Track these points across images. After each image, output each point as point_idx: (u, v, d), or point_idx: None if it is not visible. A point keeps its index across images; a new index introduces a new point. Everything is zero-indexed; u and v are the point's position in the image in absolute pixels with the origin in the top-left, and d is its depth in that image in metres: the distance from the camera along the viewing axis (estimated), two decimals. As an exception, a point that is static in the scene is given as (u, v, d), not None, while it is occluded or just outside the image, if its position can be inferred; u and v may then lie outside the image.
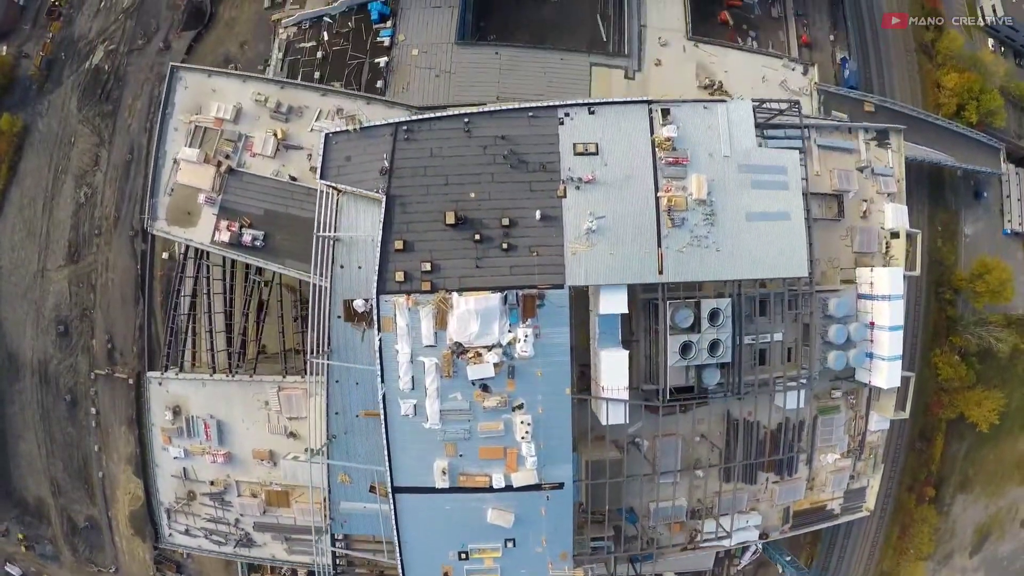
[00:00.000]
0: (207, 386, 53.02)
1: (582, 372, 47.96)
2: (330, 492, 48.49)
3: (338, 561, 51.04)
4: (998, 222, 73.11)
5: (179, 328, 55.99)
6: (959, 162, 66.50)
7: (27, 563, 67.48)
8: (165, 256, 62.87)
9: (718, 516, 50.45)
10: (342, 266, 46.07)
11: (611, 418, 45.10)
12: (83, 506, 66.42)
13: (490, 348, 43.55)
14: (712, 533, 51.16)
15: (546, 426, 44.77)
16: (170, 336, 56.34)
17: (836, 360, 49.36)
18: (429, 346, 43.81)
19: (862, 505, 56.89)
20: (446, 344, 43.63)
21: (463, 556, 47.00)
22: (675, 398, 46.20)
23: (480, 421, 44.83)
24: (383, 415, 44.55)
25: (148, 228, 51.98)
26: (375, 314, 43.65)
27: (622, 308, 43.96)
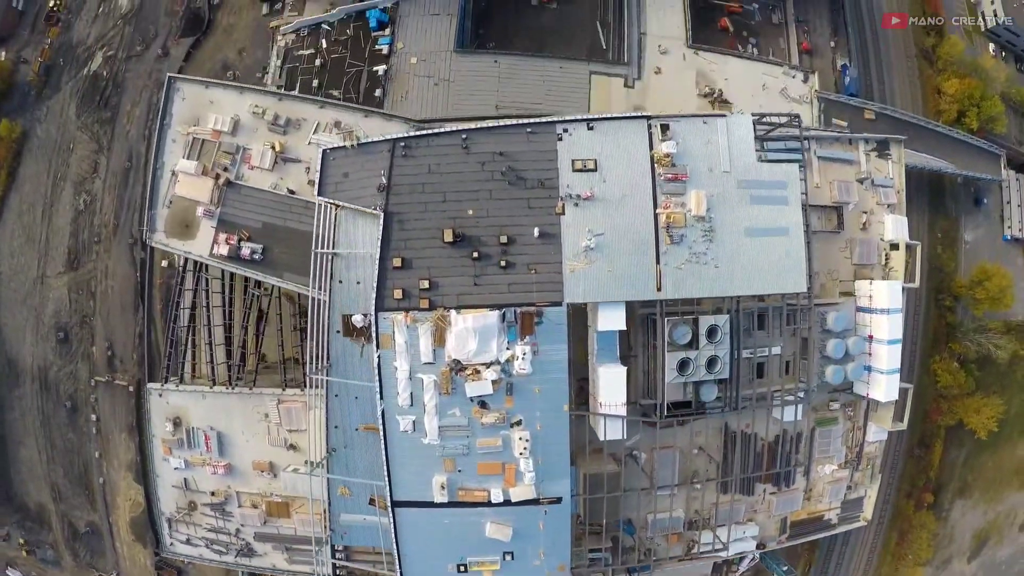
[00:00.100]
0: (207, 398, 53.05)
1: (580, 386, 48.08)
2: (330, 504, 48.72)
3: (338, 572, 51.15)
4: (998, 228, 72.81)
5: (179, 339, 55.92)
6: (959, 169, 66.21)
7: (28, 567, 67.67)
8: (164, 264, 62.75)
9: (715, 528, 50.70)
10: (341, 281, 45.96)
11: (609, 433, 45.35)
12: (84, 512, 66.53)
13: (488, 365, 43.62)
14: (709, 544, 51.50)
15: (544, 442, 44.97)
16: (170, 348, 56.27)
17: (834, 374, 49.39)
18: (427, 363, 43.96)
19: (859, 515, 57.14)
20: (444, 361, 43.73)
21: (462, 569, 47.32)
22: (672, 414, 46.32)
23: (478, 437, 45.01)
24: (382, 431, 44.79)
25: (147, 240, 51.85)
26: (374, 331, 43.74)
27: (620, 325, 44.04)
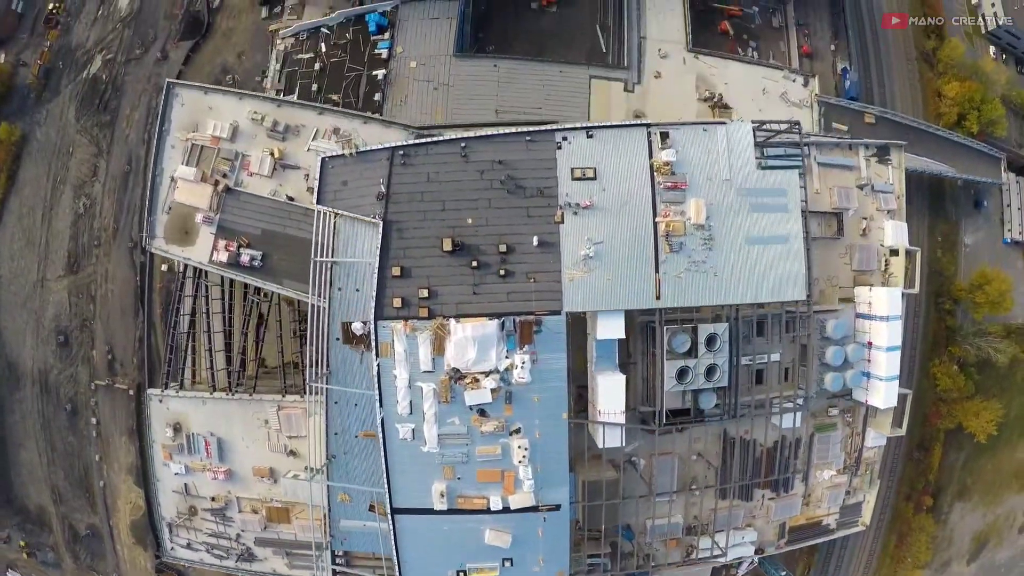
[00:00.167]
0: (207, 404, 53.07)
1: (579, 393, 48.17)
2: (330, 510, 48.74)
3: (339, 577, 51.42)
4: (998, 231, 72.66)
5: (179, 345, 55.93)
6: (960, 173, 66.06)
7: (29, 570, 67.80)
8: (164, 268, 62.48)
9: (713, 533, 50.80)
10: (340, 288, 45.94)
11: (608, 441, 45.48)
12: (84, 514, 66.65)
13: (487, 374, 43.70)
14: (708, 549, 51.66)
15: (543, 450, 45.10)
16: (170, 354, 56.27)
17: (833, 382, 49.41)
18: (427, 372, 44.03)
19: (858, 520, 57.15)
20: (444, 370, 43.81)
21: (462, 575, 47.41)
22: (671, 421, 46.41)
23: (478, 445, 45.15)
24: (381, 439, 44.89)
25: (146, 246, 51.75)
26: (373, 340, 43.78)
27: (619, 334, 44.13)
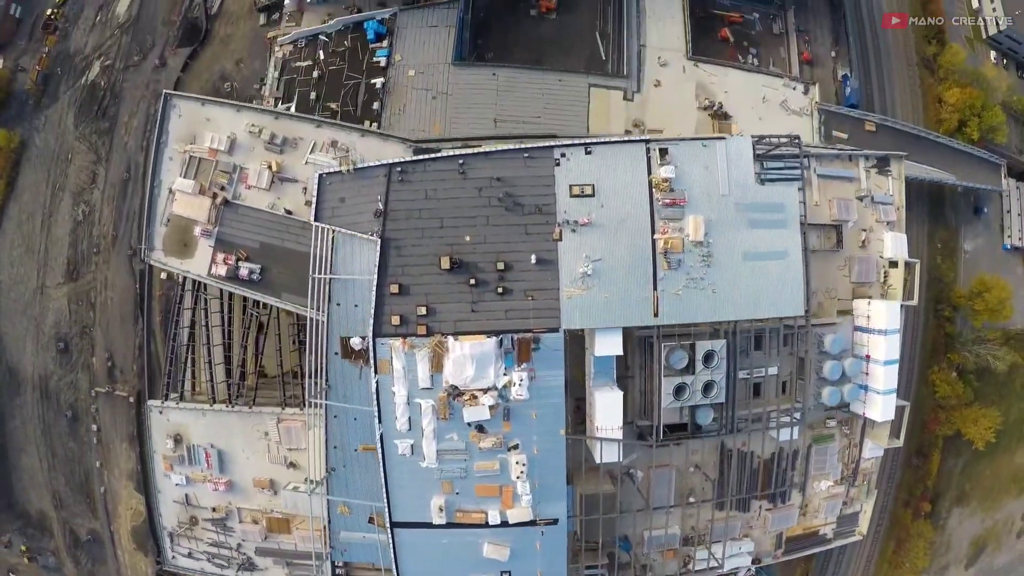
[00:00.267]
0: (207, 416, 53.27)
1: (577, 406, 48.26)
2: (330, 522, 49.03)
3: (339, 588, 51.69)
4: (998, 238, 72.61)
5: (178, 357, 56.06)
6: (960, 180, 65.95)
7: (29, 574, 68.24)
8: (164, 276, 62.41)
9: (710, 545, 51.01)
10: (339, 304, 45.90)
11: (605, 456, 45.65)
12: (85, 520, 66.96)
13: (486, 391, 43.83)
14: (705, 560, 51.85)
15: (541, 465, 45.33)
16: (170, 365, 56.42)
17: (830, 396, 49.53)
18: (425, 388, 44.21)
19: (855, 530, 57.42)
20: (442, 387, 43.94)
21: (460, 587, 47.76)
22: (669, 436, 46.54)
23: (476, 460, 45.35)
24: (380, 454, 45.04)
25: (145, 259, 51.70)
26: (372, 357, 43.87)
27: (617, 350, 44.21)
